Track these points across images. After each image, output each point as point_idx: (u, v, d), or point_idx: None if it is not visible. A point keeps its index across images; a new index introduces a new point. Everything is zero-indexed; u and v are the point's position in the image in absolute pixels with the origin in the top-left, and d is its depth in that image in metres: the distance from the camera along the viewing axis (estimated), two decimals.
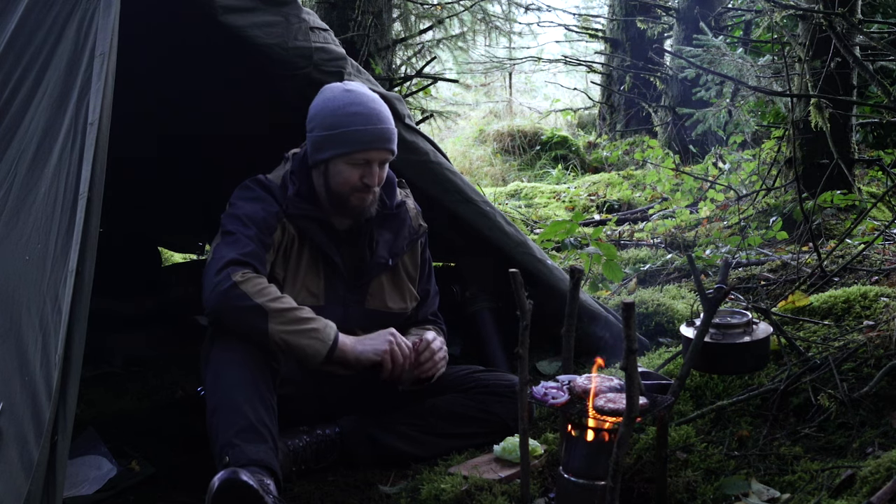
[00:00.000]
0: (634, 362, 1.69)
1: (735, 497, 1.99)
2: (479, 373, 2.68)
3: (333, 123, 2.41)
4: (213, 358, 2.25)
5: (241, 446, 2.09)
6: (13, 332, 1.82)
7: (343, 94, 2.46)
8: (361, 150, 2.41)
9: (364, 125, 2.40)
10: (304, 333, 2.26)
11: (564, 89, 12.57)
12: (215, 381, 2.21)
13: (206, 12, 2.41)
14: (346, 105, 2.43)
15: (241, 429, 2.11)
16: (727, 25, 8.25)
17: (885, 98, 3.98)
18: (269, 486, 2.04)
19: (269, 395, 2.23)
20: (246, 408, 2.14)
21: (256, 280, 2.27)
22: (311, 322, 2.29)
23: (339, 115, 2.41)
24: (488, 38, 9.67)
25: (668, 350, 3.02)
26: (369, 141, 2.41)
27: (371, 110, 2.43)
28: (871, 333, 2.51)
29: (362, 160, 2.42)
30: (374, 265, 2.55)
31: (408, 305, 2.66)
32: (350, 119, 2.40)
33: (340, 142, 2.40)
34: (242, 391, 2.17)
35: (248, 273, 2.27)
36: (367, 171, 2.43)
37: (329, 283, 2.50)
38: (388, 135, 2.45)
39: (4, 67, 2.23)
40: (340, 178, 2.44)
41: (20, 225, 1.96)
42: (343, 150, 2.41)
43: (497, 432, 2.53)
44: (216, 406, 2.17)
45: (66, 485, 1.78)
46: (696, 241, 4.78)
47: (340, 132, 2.40)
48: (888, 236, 3.91)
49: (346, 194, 2.45)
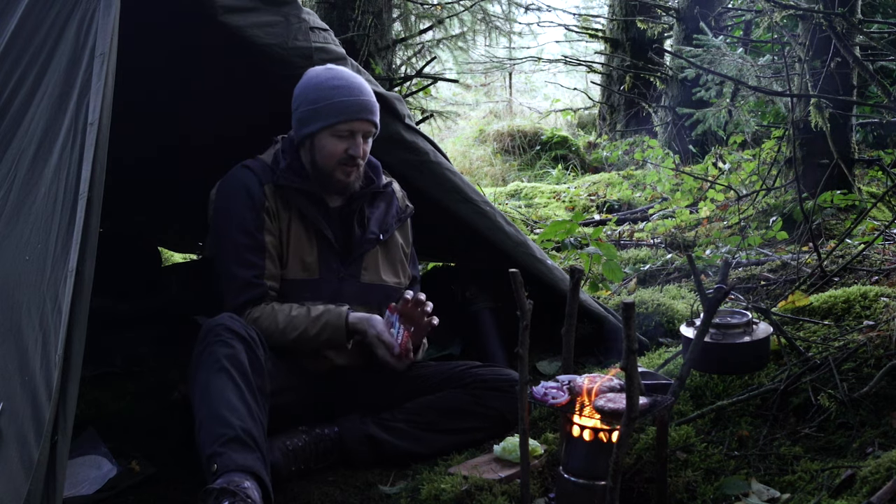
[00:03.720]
0: (634, 362, 1.69)
1: (735, 497, 1.99)
2: (477, 368, 2.69)
3: (317, 97, 2.52)
4: (201, 370, 2.23)
5: (228, 454, 2.06)
6: (13, 332, 1.81)
7: (325, 71, 2.58)
8: (345, 120, 2.51)
9: (347, 96, 2.51)
10: (320, 335, 2.48)
11: (564, 89, 12.57)
12: (203, 393, 2.19)
13: (206, 12, 2.41)
14: (329, 79, 2.54)
15: (229, 439, 2.09)
16: (727, 25, 8.25)
17: (885, 98, 3.98)
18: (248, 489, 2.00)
19: (258, 408, 2.21)
20: (233, 419, 2.12)
21: (267, 314, 2.47)
22: (321, 320, 2.47)
23: (322, 89, 2.52)
24: (488, 38, 9.66)
25: (668, 350, 3.02)
26: (353, 111, 2.51)
27: (352, 83, 2.55)
28: (871, 333, 2.50)
29: (346, 131, 2.52)
30: (365, 240, 2.65)
31: (402, 280, 2.75)
32: (333, 91, 2.51)
33: (325, 114, 2.51)
34: (230, 403, 2.16)
35: (258, 309, 2.47)
36: (352, 142, 2.53)
37: (322, 258, 2.58)
38: (371, 106, 2.55)
39: (4, 67, 2.23)
40: (326, 150, 2.54)
41: (20, 225, 1.96)
42: (328, 122, 2.51)
43: (496, 427, 2.56)
44: (203, 418, 2.15)
45: (66, 485, 1.78)
46: (696, 241, 4.78)
47: (325, 104, 2.51)
48: (888, 236, 3.91)
49: (332, 168, 2.55)
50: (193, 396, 2.22)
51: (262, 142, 2.72)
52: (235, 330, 2.28)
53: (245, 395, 2.19)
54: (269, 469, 2.14)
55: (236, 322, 2.31)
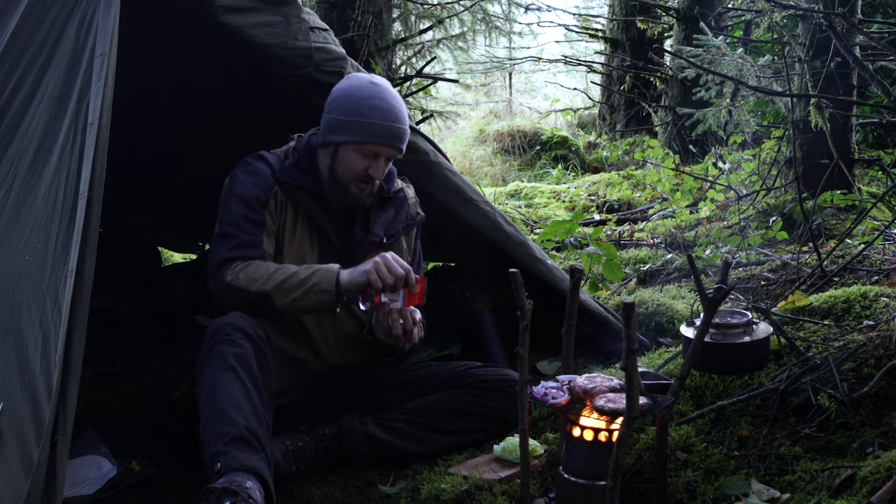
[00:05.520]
0: (634, 362, 1.69)
1: (735, 497, 1.99)
2: (477, 368, 2.69)
3: (354, 111, 2.50)
4: (208, 369, 2.23)
5: (232, 453, 2.06)
6: (13, 332, 1.81)
7: (368, 86, 2.54)
8: (374, 142, 2.50)
9: (382, 120, 2.49)
10: (308, 295, 2.37)
11: (564, 89, 12.58)
12: (210, 391, 2.19)
13: (205, 12, 2.41)
14: (370, 97, 2.50)
15: (234, 438, 2.09)
16: (727, 25, 8.25)
17: (885, 98, 3.99)
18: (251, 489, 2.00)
19: (264, 408, 2.21)
20: (238, 419, 2.12)
21: (246, 270, 2.39)
22: (310, 280, 2.38)
23: (360, 105, 2.50)
24: (488, 38, 9.68)
25: (668, 350, 3.02)
26: (384, 136, 2.50)
27: (392, 107, 2.52)
28: (871, 333, 2.50)
29: (372, 152, 2.51)
30: (368, 242, 2.64)
31: None
32: (371, 111, 2.49)
33: (356, 130, 2.49)
34: (236, 403, 2.15)
35: (237, 266, 2.40)
36: (374, 163, 2.52)
37: (323, 257, 2.57)
38: (402, 134, 2.54)
39: (4, 67, 2.23)
40: (347, 164, 2.52)
41: (20, 225, 1.96)
42: (357, 139, 2.50)
43: (496, 427, 2.55)
44: (209, 417, 2.15)
45: (66, 485, 1.78)
46: (696, 241, 4.78)
47: (358, 121, 2.49)
48: (888, 236, 3.91)
49: (348, 181, 2.54)
50: (200, 394, 2.23)
51: (263, 142, 2.72)
52: (244, 329, 2.28)
53: (251, 394, 2.19)
54: (273, 470, 2.14)
55: (246, 321, 2.31)
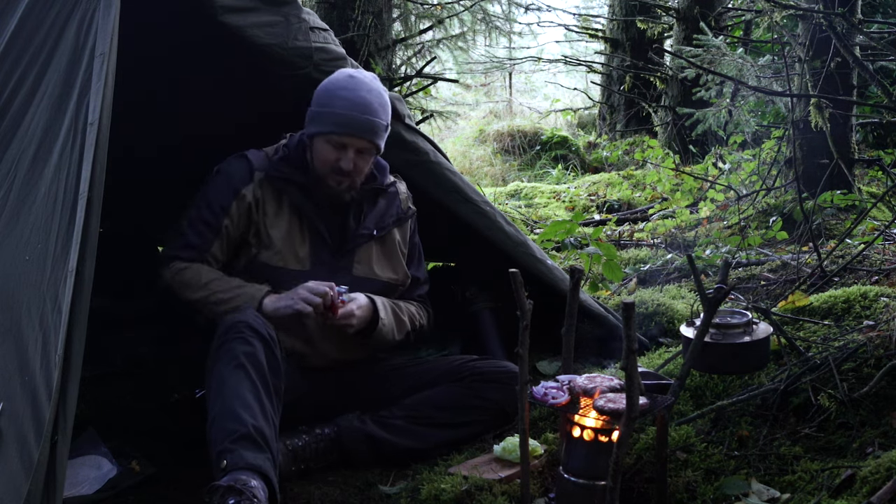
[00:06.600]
0: (634, 362, 1.69)
1: (735, 497, 1.99)
2: (473, 361, 2.69)
3: (325, 102, 2.54)
4: (218, 365, 2.23)
5: (238, 451, 2.06)
6: (13, 332, 1.81)
7: (345, 79, 2.57)
8: (340, 133, 2.51)
9: (349, 111, 2.50)
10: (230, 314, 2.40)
11: (564, 89, 12.57)
12: (219, 389, 2.19)
13: (205, 12, 2.41)
14: (341, 89, 2.53)
15: (241, 436, 2.09)
16: (727, 25, 8.25)
17: (885, 98, 3.99)
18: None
19: (272, 408, 2.21)
20: (246, 417, 2.12)
21: (183, 275, 2.52)
22: (232, 301, 2.45)
23: (331, 96, 2.53)
24: (488, 38, 9.68)
25: (668, 350, 3.02)
26: (349, 126, 2.50)
27: (362, 99, 2.51)
28: (871, 333, 2.51)
29: (339, 143, 2.53)
30: (358, 234, 2.65)
31: (399, 276, 2.73)
32: (337, 101, 2.51)
33: (321, 120, 2.53)
34: (244, 401, 2.15)
35: (176, 265, 2.53)
36: (344, 154, 2.53)
37: (314, 249, 2.59)
38: (369, 126, 2.52)
39: (4, 67, 2.23)
40: (320, 155, 2.56)
41: (20, 225, 1.96)
42: (324, 129, 2.53)
43: (495, 419, 2.56)
44: (217, 414, 2.15)
45: (66, 485, 1.77)
46: (696, 241, 4.78)
47: (326, 111, 2.52)
48: (888, 236, 3.91)
49: (325, 173, 2.56)
50: (209, 391, 2.22)
51: (263, 142, 2.72)
52: (256, 328, 2.28)
53: (260, 393, 2.19)
54: (278, 470, 2.14)
55: (258, 320, 2.31)
